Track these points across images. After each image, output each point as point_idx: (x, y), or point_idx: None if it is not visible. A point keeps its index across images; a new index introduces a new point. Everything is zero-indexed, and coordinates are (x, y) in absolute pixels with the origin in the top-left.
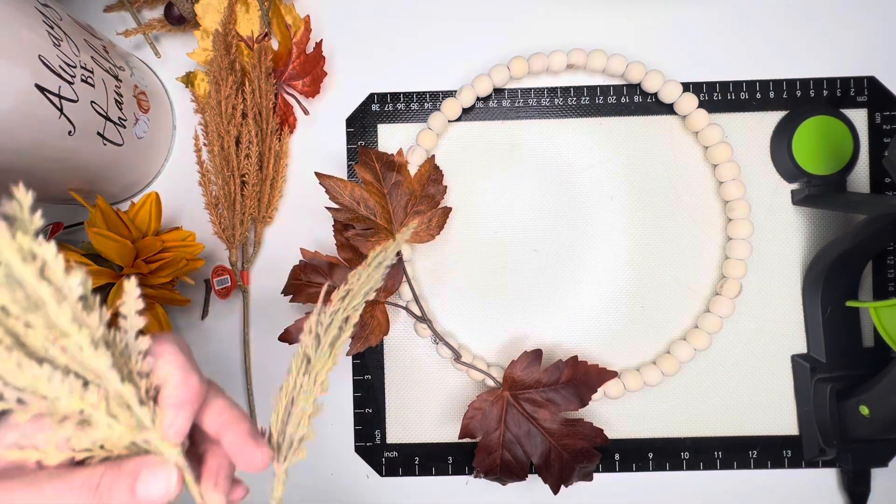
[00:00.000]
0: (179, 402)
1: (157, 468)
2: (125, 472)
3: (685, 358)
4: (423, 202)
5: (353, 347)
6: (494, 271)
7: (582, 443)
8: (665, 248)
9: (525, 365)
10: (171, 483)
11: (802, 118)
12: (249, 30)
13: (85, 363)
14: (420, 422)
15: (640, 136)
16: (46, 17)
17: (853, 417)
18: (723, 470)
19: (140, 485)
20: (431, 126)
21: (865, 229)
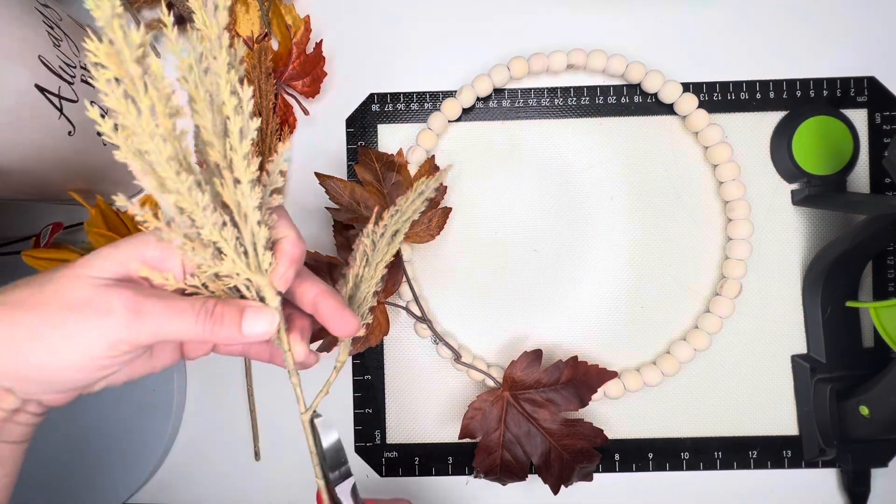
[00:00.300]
0: (291, 258)
1: (261, 310)
2: (235, 307)
3: (685, 358)
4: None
5: (353, 347)
6: (494, 271)
7: (582, 443)
8: (665, 248)
9: (525, 365)
10: (272, 323)
11: (802, 118)
12: (249, 30)
13: (240, 197)
14: (420, 422)
15: (640, 136)
16: (46, 17)
17: (853, 417)
18: (723, 470)
19: (246, 320)
20: (431, 126)
21: (865, 229)
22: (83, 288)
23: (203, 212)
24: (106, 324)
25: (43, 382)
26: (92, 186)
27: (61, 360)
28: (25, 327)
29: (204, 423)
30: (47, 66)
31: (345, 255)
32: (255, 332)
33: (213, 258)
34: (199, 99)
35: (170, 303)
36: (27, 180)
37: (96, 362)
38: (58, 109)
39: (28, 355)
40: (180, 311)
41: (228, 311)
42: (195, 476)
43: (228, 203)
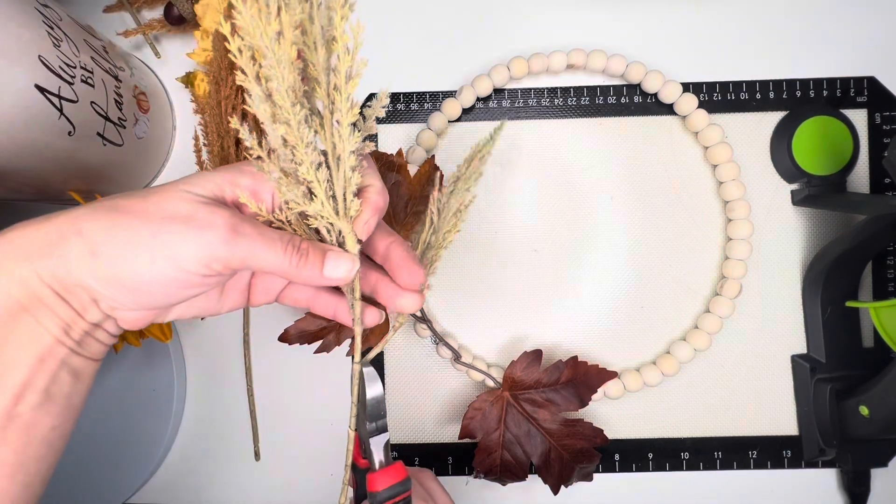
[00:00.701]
0: (375, 206)
1: (343, 255)
2: (319, 249)
3: (685, 358)
4: (422, 202)
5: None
6: (494, 271)
7: (582, 443)
8: (665, 248)
9: (525, 365)
10: (352, 270)
11: (802, 118)
12: None
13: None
14: (420, 422)
15: (640, 136)
16: (46, 17)
17: (853, 417)
18: (723, 470)
19: (328, 263)
20: (431, 126)
21: (865, 229)
22: (186, 202)
23: (305, 148)
24: (204, 238)
25: (132, 292)
26: (92, 186)
27: (155, 269)
28: (127, 231)
29: (204, 423)
30: (47, 66)
31: None
32: (336, 276)
33: (303, 197)
34: (311, 32)
35: (263, 231)
36: (27, 180)
37: (187, 277)
38: (58, 109)
39: (125, 261)
40: (272, 241)
41: (313, 251)
42: (195, 476)
43: (325, 145)
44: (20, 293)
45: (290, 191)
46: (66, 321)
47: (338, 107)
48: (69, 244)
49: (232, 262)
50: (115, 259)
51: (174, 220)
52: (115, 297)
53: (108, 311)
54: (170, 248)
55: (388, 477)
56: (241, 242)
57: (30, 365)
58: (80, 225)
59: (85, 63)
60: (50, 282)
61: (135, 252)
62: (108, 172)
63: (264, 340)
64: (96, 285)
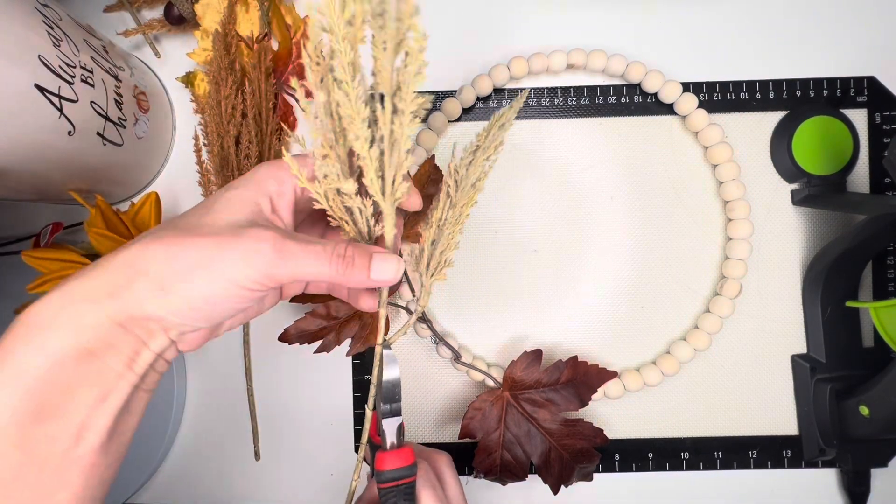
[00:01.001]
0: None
1: (388, 256)
2: (364, 252)
3: (685, 358)
4: (423, 202)
5: (352, 347)
6: (494, 271)
7: (582, 443)
8: (665, 248)
9: (525, 365)
10: (398, 271)
11: (802, 118)
12: (249, 30)
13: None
14: (420, 422)
15: (640, 136)
16: (46, 17)
17: (853, 417)
18: (723, 470)
19: (374, 266)
20: (431, 126)
21: (865, 229)
22: (233, 228)
23: (361, 123)
24: (257, 258)
25: (198, 311)
26: (92, 186)
27: (216, 288)
28: (188, 262)
29: (204, 423)
30: (47, 66)
31: None
32: (383, 278)
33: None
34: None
35: (307, 245)
36: (27, 180)
37: (243, 293)
38: (58, 109)
39: (191, 287)
40: (316, 253)
41: (359, 255)
42: (195, 476)
43: (382, 129)
44: (89, 339)
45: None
46: (130, 356)
47: (402, 96)
48: (137, 284)
49: (282, 277)
50: (183, 287)
51: (226, 246)
52: (184, 320)
53: (174, 336)
54: (227, 271)
55: (396, 459)
56: (288, 260)
57: (91, 405)
58: (144, 265)
59: (85, 63)
60: (121, 320)
61: (198, 278)
62: (108, 172)
63: (264, 340)
64: (167, 314)
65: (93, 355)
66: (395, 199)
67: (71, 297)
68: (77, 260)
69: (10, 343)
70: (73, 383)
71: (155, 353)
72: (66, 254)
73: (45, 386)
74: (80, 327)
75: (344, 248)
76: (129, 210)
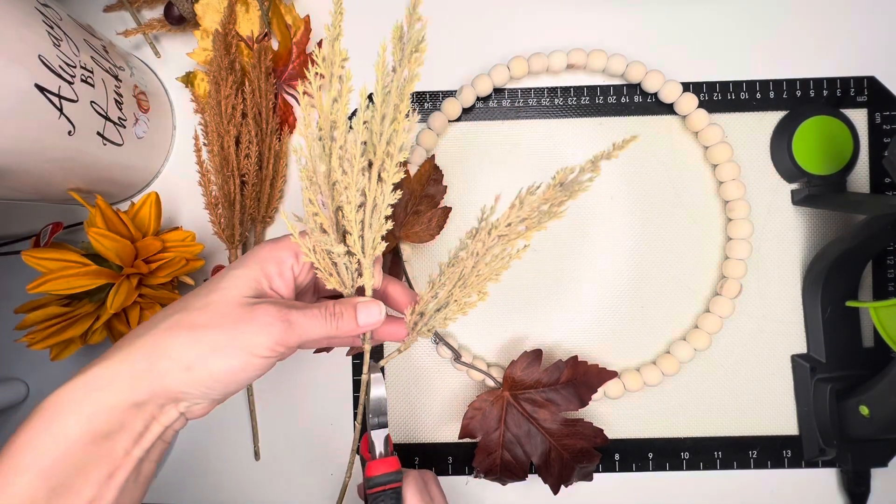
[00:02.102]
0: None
1: (370, 303)
2: (349, 304)
3: (685, 358)
4: (423, 202)
5: (353, 347)
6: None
7: (582, 443)
8: (665, 248)
9: (525, 365)
10: (381, 313)
11: (802, 118)
12: (249, 30)
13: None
14: (420, 422)
15: (640, 135)
16: (46, 17)
17: (853, 417)
18: (723, 470)
19: (360, 314)
20: (431, 126)
21: (865, 229)
22: (242, 306)
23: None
24: (268, 332)
25: (220, 383)
26: (92, 186)
27: (239, 362)
28: (209, 342)
29: (204, 423)
30: (47, 66)
31: None
32: (370, 322)
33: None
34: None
35: (305, 312)
36: (27, 180)
37: (259, 362)
38: (58, 109)
39: (215, 362)
40: (314, 317)
41: (346, 309)
42: (195, 476)
43: (368, 197)
44: (103, 422)
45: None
46: (140, 432)
47: (387, 169)
48: (161, 366)
49: (292, 343)
50: (207, 364)
51: (241, 323)
52: (206, 391)
53: (184, 408)
54: (245, 344)
55: (383, 466)
56: (294, 328)
57: (100, 482)
58: (167, 350)
59: (85, 63)
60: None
61: (221, 354)
62: (108, 172)
63: None
64: (190, 388)
65: (105, 437)
66: (374, 256)
67: (94, 385)
68: (77, 260)
69: (33, 429)
70: (84, 464)
71: (164, 426)
72: (66, 254)
73: (60, 468)
74: (96, 412)
75: (333, 307)
76: (129, 210)
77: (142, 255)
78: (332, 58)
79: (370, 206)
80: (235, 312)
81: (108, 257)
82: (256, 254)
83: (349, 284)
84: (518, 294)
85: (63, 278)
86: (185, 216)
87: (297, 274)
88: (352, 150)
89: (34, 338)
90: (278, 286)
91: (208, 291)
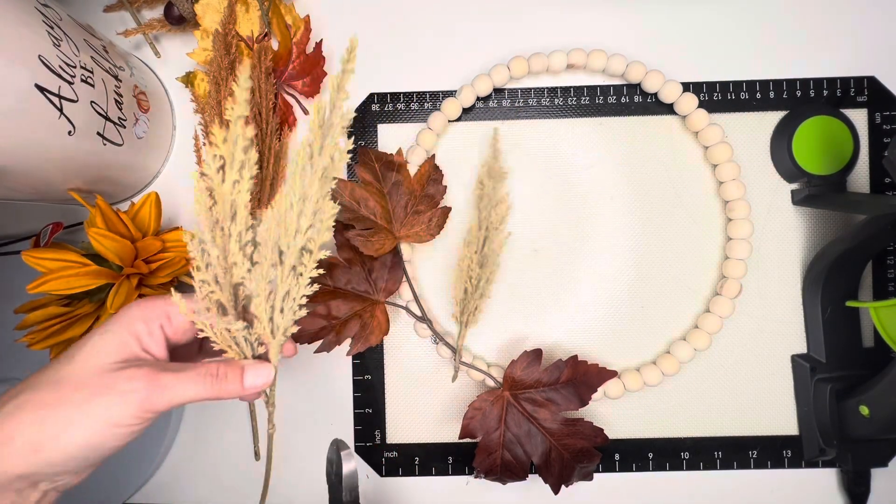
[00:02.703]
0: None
1: (261, 365)
2: (236, 366)
3: (685, 358)
4: (423, 202)
5: (353, 347)
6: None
7: (582, 442)
8: (665, 248)
9: (525, 365)
10: (270, 376)
11: (802, 118)
12: (249, 30)
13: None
14: (420, 422)
15: (640, 136)
16: (46, 17)
17: (853, 417)
18: (723, 470)
19: (248, 375)
20: (431, 126)
21: (865, 229)
22: (103, 375)
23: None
24: (133, 396)
25: (70, 461)
26: (92, 186)
27: (97, 435)
28: (61, 419)
29: (204, 423)
30: (47, 66)
31: (345, 255)
32: (258, 384)
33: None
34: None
35: (180, 374)
36: (27, 180)
37: (121, 431)
38: (58, 109)
39: (69, 439)
40: (189, 379)
41: (231, 370)
42: (195, 476)
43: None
44: None
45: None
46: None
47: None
48: (4, 452)
49: (160, 408)
50: (58, 442)
51: (100, 394)
52: (63, 468)
53: (47, 487)
54: (103, 415)
55: None
56: (164, 391)
57: None
58: (10, 434)
59: (85, 63)
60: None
61: (74, 430)
62: (108, 172)
63: None
64: (42, 469)
65: None
66: (283, 339)
67: None
68: (77, 260)
69: None
70: None
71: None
72: (66, 254)
73: None
74: None
75: (216, 368)
76: (129, 210)
77: (142, 255)
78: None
79: (281, 294)
80: (93, 382)
81: (108, 257)
82: (123, 315)
83: (250, 354)
84: (518, 294)
85: (63, 278)
86: (185, 216)
87: (169, 334)
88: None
89: (34, 338)
90: (149, 345)
91: (63, 363)
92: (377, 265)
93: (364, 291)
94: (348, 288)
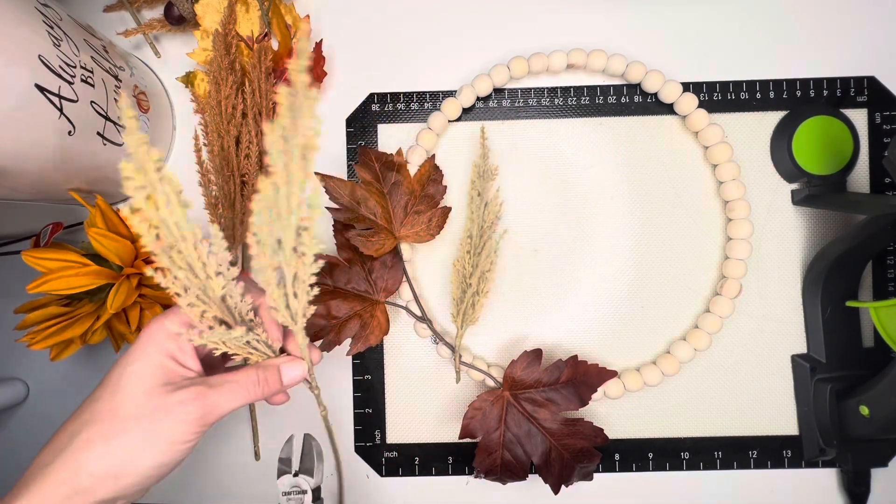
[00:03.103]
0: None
1: (293, 361)
2: (272, 367)
3: (685, 358)
4: (423, 202)
5: (353, 347)
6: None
7: (582, 442)
8: (665, 248)
9: (525, 365)
10: (304, 369)
11: (802, 118)
12: (249, 30)
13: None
14: (420, 422)
15: (640, 136)
16: (46, 17)
17: (853, 417)
18: (723, 470)
19: (285, 374)
20: (431, 126)
21: (865, 229)
22: (154, 400)
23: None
24: (189, 417)
25: (146, 481)
26: (92, 186)
27: (164, 455)
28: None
29: None
30: (47, 66)
31: (345, 255)
32: (296, 378)
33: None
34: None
35: (225, 386)
36: (27, 180)
37: (187, 445)
38: (58, 109)
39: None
40: (237, 391)
41: (270, 374)
42: (195, 476)
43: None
44: None
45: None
46: None
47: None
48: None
49: (211, 422)
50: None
51: (157, 417)
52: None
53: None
54: (167, 436)
55: None
56: (215, 407)
57: None
58: (87, 468)
59: (85, 63)
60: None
61: (143, 455)
62: (108, 172)
63: None
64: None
65: None
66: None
67: None
68: (77, 260)
69: None
70: None
71: None
72: (66, 254)
73: None
74: None
75: (256, 375)
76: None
77: (142, 255)
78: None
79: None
80: (148, 409)
81: (108, 257)
82: (152, 338)
83: (269, 353)
84: (518, 294)
85: (63, 278)
86: None
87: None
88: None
89: (34, 338)
90: (184, 360)
91: (108, 396)
92: (377, 265)
93: (364, 291)
94: (348, 288)
